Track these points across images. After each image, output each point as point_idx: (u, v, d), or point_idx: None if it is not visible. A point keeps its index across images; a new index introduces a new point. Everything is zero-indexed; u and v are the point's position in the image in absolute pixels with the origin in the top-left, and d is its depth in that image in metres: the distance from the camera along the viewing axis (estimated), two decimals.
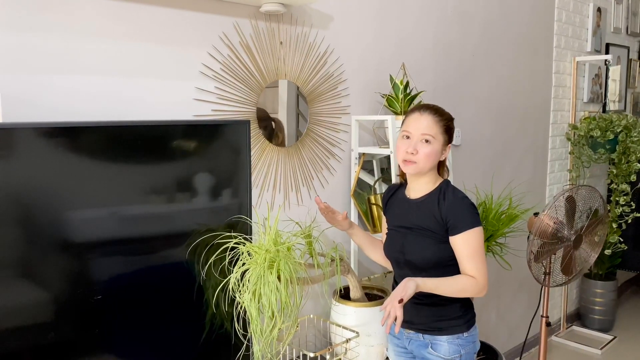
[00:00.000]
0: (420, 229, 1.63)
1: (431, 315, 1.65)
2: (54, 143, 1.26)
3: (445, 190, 1.63)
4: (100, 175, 1.34)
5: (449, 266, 1.61)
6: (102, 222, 1.35)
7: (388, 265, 1.83)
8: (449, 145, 1.66)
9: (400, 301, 1.44)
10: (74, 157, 1.29)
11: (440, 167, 1.70)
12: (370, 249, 1.85)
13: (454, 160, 2.73)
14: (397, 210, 1.72)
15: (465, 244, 1.56)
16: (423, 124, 1.60)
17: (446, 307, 1.64)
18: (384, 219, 1.82)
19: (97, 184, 1.33)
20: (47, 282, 1.28)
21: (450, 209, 1.58)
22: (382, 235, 1.85)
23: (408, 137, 1.62)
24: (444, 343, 1.64)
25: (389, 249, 1.72)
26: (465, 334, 1.65)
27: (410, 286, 1.47)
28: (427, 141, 1.59)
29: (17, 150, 1.21)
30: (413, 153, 1.60)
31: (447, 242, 1.60)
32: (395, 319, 1.43)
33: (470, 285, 1.56)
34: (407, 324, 1.70)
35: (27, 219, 1.24)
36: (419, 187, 1.67)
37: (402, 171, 1.74)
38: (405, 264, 1.65)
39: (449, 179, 1.72)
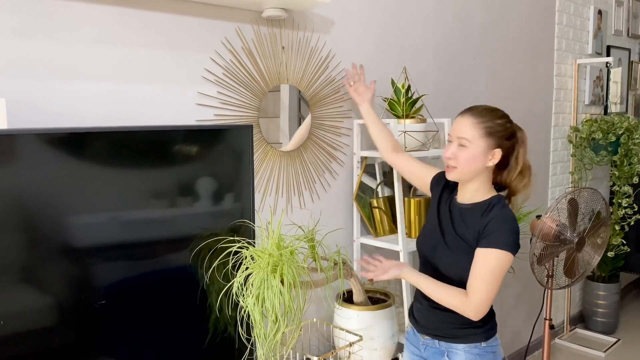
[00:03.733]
0: (455, 237, 1.55)
1: (448, 322, 1.58)
2: (58, 149, 1.27)
3: (494, 205, 1.52)
4: (104, 180, 1.34)
5: None
6: (106, 227, 1.36)
7: (383, 151, 1.87)
8: (497, 150, 1.51)
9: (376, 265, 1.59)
10: (78, 162, 1.30)
11: (507, 179, 1.57)
12: (377, 131, 1.89)
13: None
14: (442, 207, 1.64)
15: (483, 261, 1.46)
16: (460, 127, 1.51)
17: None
18: (427, 170, 1.77)
19: (101, 189, 1.34)
20: (52, 287, 1.29)
21: (492, 221, 1.48)
22: (417, 165, 1.81)
23: (450, 141, 1.55)
24: (461, 352, 1.57)
25: (422, 245, 1.65)
26: (483, 344, 1.57)
27: (395, 272, 1.56)
28: (463, 145, 1.50)
29: (22, 155, 1.22)
30: (450, 157, 1.52)
31: None
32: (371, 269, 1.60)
33: (456, 301, 1.47)
34: (423, 328, 1.65)
35: (32, 224, 1.24)
36: (467, 193, 1.58)
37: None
38: (432, 266, 1.60)
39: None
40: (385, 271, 1.57)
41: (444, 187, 1.67)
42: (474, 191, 1.56)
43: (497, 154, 1.52)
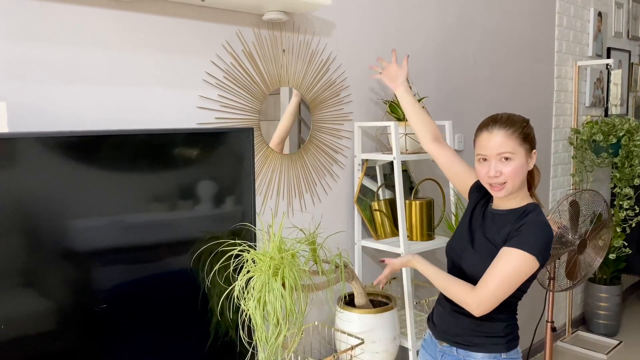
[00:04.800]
0: (484, 241, 1.52)
1: (470, 329, 1.53)
2: (59, 152, 1.27)
3: (530, 212, 1.47)
4: (105, 183, 1.34)
5: None
6: (107, 231, 1.35)
7: (422, 140, 1.78)
8: (534, 151, 1.50)
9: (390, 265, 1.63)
10: (78, 166, 1.30)
11: (529, 174, 1.54)
12: (415, 119, 1.79)
13: None
14: (476, 213, 1.61)
15: (504, 258, 1.40)
16: (496, 143, 1.45)
17: (488, 323, 1.51)
18: (468, 172, 1.71)
19: (103, 193, 1.34)
20: (53, 291, 1.28)
21: (524, 225, 1.43)
22: (458, 161, 1.73)
23: (485, 160, 1.48)
24: None
25: (451, 248, 1.61)
26: (503, 355, 1.51)
27: (407, 258, 1.58)
28: (507, 159, 1.45)
29: (23, 159, 1.22)
30: (497, 176, 1.45)
31: None
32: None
33: (461, 291, 1.45)
34: (441, 334, 1.60)
35: (32, 228, 1.24)
36: (505, 200, 1.53)
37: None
38: (458, 268, 1.56)
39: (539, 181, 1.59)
40: (394, 261, 1.61)
41: (480, 197, 1.64)
42: (511, 198, 1.52)
43: (535, 156, 1.51)
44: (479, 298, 1.42)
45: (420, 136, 1.80)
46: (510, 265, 1.40)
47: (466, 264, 1.53)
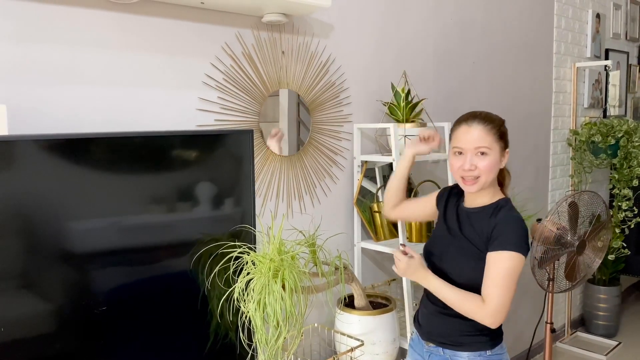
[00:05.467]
0: (463, 240, 1.54)
1: (455, 328, 1.55)
2: (59, 154, 1.27)
3: (502, 207, 1.51)
4: (104, 186, 1.34)
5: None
6: (107, 233, 1.35)
7: (388, 209, 1.79)
8: (507, 150, 1.54)
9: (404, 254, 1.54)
10: (78, 168, 1.30)
11: (500, 175, 1.59)
12: (396, 188, 1.77)
13: None
14: (449, 213, 1.64)
15: (495, 264, 1.44)
16: (474, 137, 1.48)
17: (473, 323, 1.52)
18: (427, 199, 1.74)
19: (102, 195, 1.34)
20: (52, 293, 1.28)
21: (499, 224, 1.47)
22: (414, 203, 1.77)
23: (460, 153, 1.51)
24: (465, 359, 1.55)
25: (430, 253, 1.63)
26: (488, 352, 1.54)
27: (418, 271, 1.51)
28: (483, 153, 1.49)
29: (23, 162, 1.22)
30: (472, 169, 1.49)
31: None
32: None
33: (474, 307, 1.44)
34: (427, 335, 1.62)
35: (32, 230, 1.24)
36: (477, 198, 1.57)
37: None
38: (440, 272, 1.56)
39: (510, 182, 1.62)
40: (405, 271, 1.54)
41: (448, 197, 1.67)
42: (480, 196, 1.55)
43: (507, 155, 1.55)
44: (491, 312, 1.43)
45: (388, 203, 1.81)
46: (504, 269, 1.43)
47: (448, 267, 1.55)
